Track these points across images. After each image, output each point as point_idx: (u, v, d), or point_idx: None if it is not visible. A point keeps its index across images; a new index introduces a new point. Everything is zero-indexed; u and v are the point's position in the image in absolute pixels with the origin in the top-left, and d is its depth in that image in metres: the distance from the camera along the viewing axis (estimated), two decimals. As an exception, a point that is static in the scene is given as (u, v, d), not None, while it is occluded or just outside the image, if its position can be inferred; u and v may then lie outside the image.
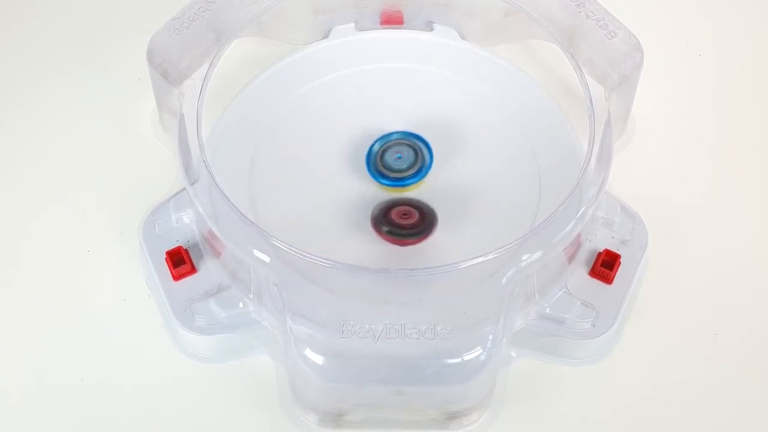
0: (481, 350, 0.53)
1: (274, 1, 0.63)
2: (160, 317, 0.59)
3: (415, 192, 0.60)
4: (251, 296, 0.57)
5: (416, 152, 0.60)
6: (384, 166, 0.60)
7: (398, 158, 0.60)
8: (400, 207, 0.59)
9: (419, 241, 0.58)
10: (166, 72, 0.60)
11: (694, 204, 0.63)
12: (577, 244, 0.58)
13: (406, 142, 0.60)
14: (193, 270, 0.58)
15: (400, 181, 0.59)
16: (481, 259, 0.53)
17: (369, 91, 0.63)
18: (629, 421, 0.57)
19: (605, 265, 0.58)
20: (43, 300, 0.60)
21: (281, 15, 0.65)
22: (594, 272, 0.58)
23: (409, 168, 0.60)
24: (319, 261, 0.53)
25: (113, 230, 0.62)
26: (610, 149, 0.57)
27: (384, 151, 0.60)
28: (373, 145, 0.60)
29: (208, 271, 0.58)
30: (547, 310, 0.57)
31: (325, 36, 0.66)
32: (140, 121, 0.65)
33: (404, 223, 0.58)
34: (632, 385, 0.58)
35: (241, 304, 0.57)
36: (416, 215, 0.58)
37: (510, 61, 0.64)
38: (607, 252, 0.58)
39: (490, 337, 0.54)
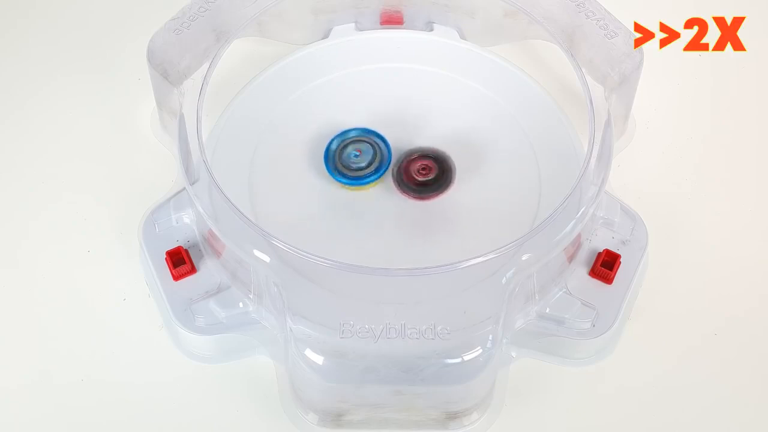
0: (481, 350, 0.53)
1: (274, 1, 0.62)
2: (160, 317, 0.59)
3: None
4: (251, 296, 0.57)
5: (375, 149, 0.60)
6: (342, 165, 0.60)
7: (356, 156, 0.60)
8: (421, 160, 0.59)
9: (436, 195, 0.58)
10: (166, 72, 0.60)
11: (694, 204, 0.63)
12: (577, 244, 0.58)
13: (365, 139, 0.60)
14: (193, 270, 0.58)
15: (358, 180, 0.59)
16: (481, 259, 0.53)
17: (369, 90, 0.63)
18: (629, 421, 0.57)
19: (605, 265, 0.58)
20: (44, 300, 0.60)
21: (281, 15, 0.65)
22: (594, 272, 0.58)
23: (368, 166, 0.60)
24: (319, 261, 0.53)
25: (113, 230, 0.61)
26: (610, 149, 0.57)
27: (343, 149, 0.60)
28: (330, 142, 0.60)
29: (208, 271, 0.58)
30: (547, 310, 0.57)
31: (325, 36, 0.66)
32: (140, 121, 0.65)
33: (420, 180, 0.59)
34: (632, 385, 0.58)
35: (241, 304, 0.57)
36: (435, 170, 0.59)
37: (510, 61, 0.64)
38: (607, 252, 0.58)
39: (490, 337, 0.54)
